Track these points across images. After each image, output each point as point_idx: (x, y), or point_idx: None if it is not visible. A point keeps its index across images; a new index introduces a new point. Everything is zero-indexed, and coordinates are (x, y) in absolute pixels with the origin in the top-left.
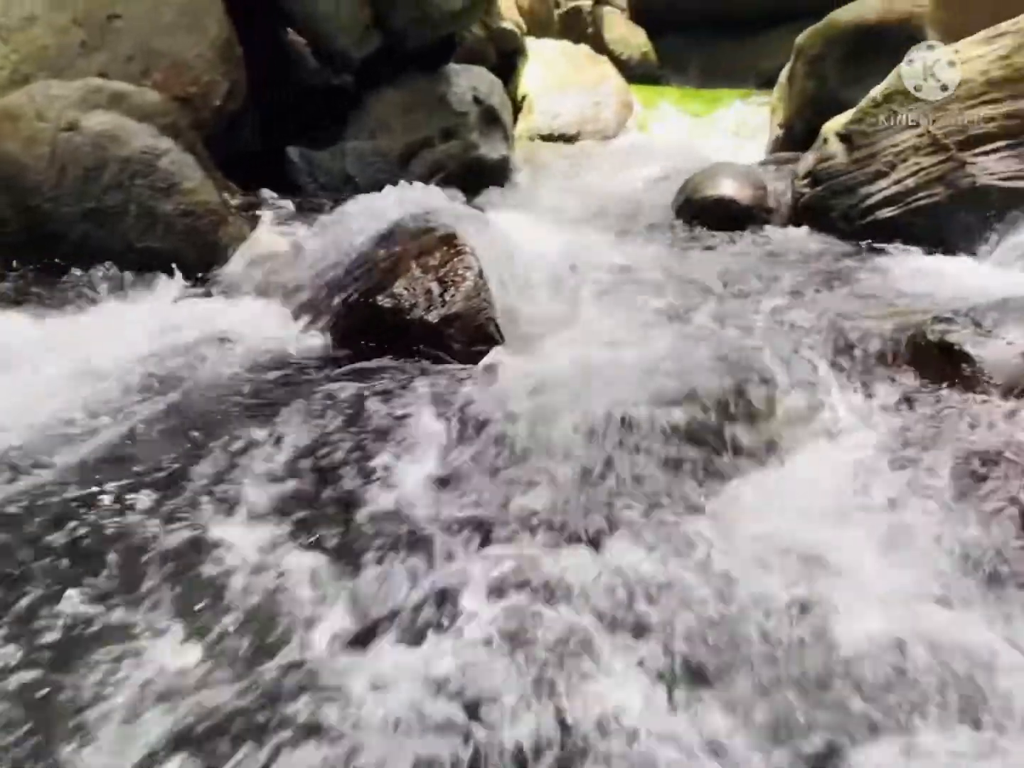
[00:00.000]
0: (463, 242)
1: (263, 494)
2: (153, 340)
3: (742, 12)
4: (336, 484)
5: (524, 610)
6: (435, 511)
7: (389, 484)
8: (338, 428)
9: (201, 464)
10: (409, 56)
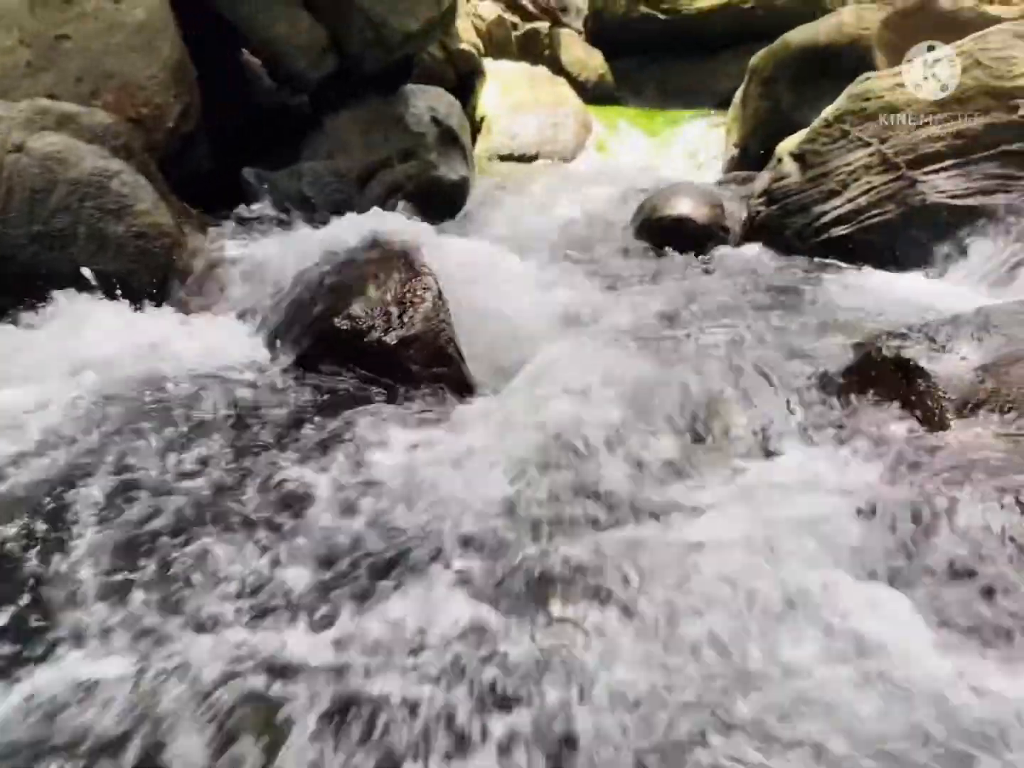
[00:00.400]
0: (422, 263)
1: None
2: (103, 364)
3: (696, 34)
4: (275, 505)
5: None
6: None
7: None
8: (284, 450)
9: (143, 492)
10: (367, 77)
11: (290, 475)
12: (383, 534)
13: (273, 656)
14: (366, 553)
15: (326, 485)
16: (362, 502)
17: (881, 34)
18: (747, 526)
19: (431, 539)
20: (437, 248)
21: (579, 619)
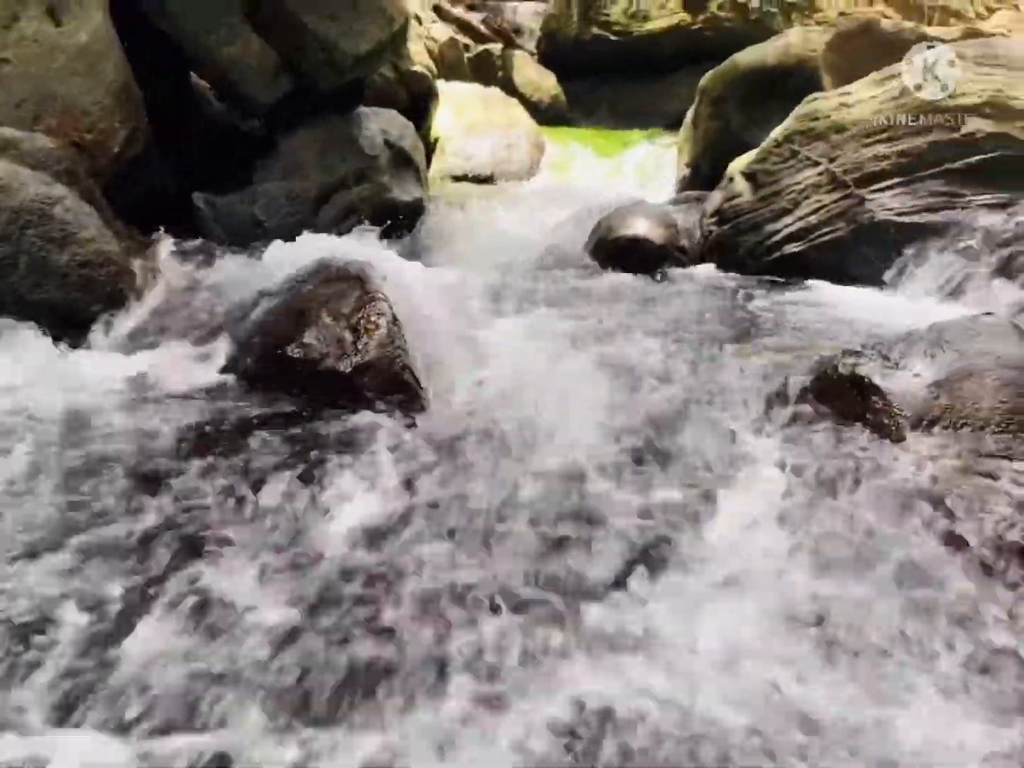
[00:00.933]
0: (376, 288)
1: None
2: (49, 394)
3: (647, 55)
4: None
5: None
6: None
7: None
8: (234, 484)
9: (86, 523)
10: (319, 99)
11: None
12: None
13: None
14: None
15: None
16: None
17: (826, 56)
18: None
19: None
20: (392, 271)
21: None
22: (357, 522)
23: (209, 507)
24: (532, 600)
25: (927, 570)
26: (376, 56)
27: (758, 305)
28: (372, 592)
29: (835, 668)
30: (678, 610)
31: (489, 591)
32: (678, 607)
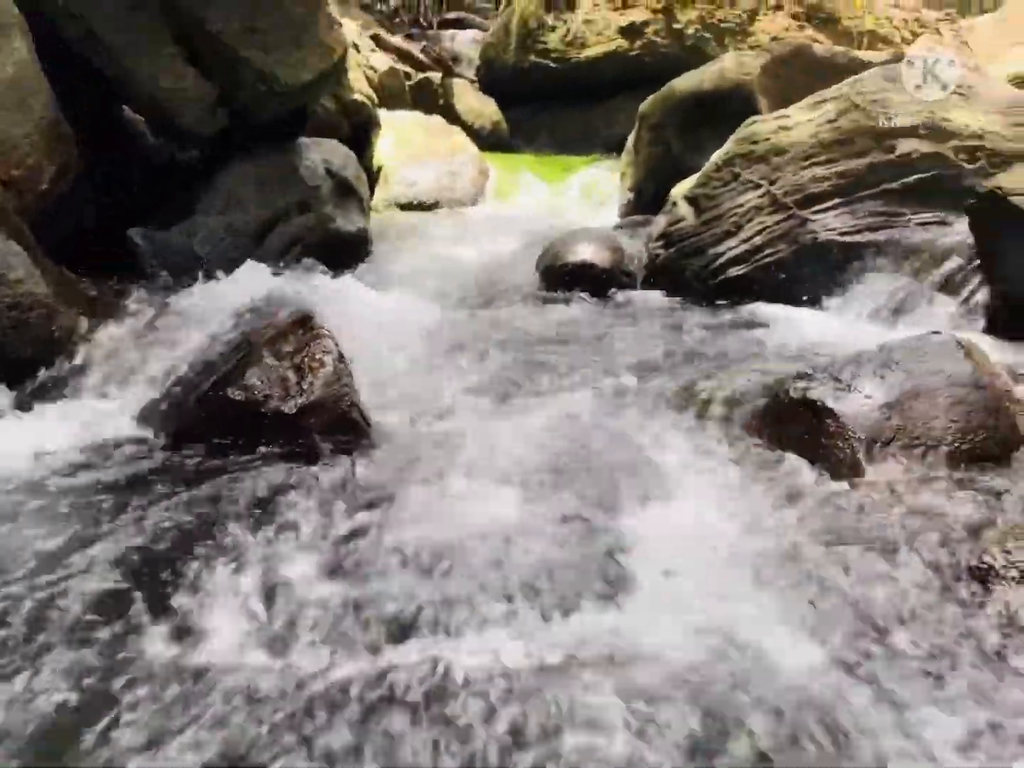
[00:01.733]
0: (320, 324)
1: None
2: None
3: (586, 81)
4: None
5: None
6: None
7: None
8: (175, 541)
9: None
10: (259, 130)
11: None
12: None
13: None
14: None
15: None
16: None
17: (761, 80)
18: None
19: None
20: (338, 304)
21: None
22: (306, 571)
23: (143, 569)
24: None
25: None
26: (316, 87)
27: (705, 329)
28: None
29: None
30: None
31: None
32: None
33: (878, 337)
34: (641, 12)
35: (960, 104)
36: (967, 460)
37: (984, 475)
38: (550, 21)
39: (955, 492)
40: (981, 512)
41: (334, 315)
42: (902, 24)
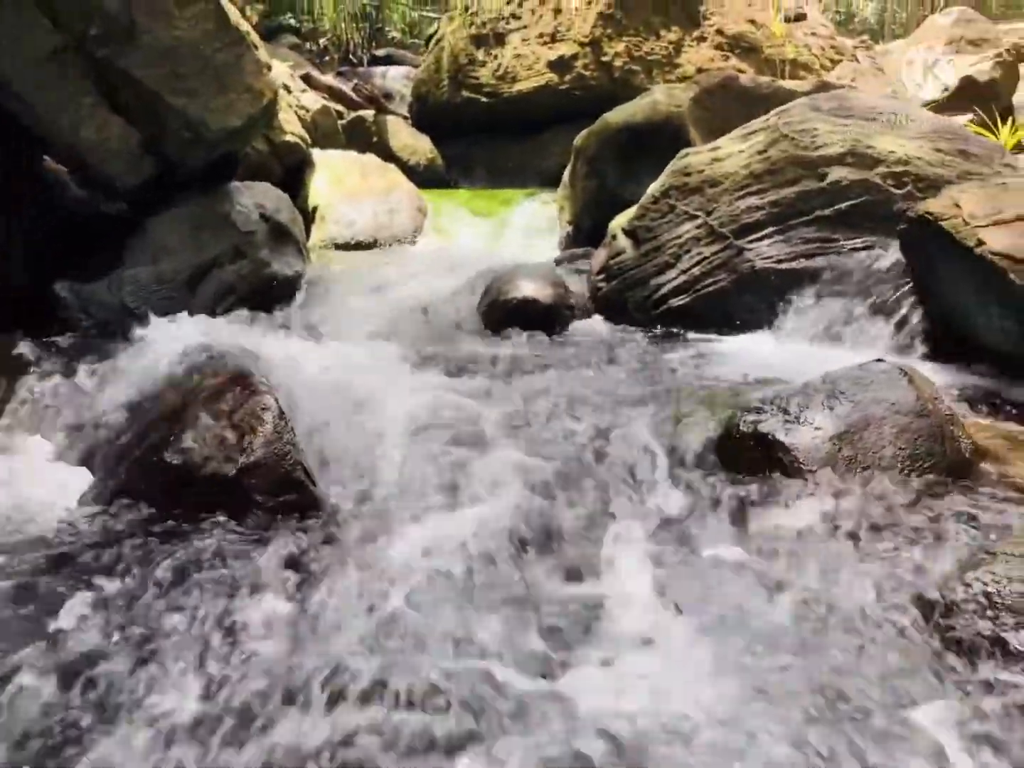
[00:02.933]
0: (258, 379)
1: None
2: None
3: (519, 115)
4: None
5: None
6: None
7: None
8: (103, 622)
9: None
10: (188, 177)
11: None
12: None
13: None
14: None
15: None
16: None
17: (692, 111)
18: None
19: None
20: (277, 353)
21: None
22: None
23: (67, 654)
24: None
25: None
26: (245, 132)
27: (649, 362)
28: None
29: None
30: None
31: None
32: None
33: (820, 361)
34: (569, 46)
35: (883, 131)
36: (918, 486)
37: (934, 502)
38: (480, 56)
39: (909, 522)
40: (936, 542)
41: (273, 366)
42: (820, 52)
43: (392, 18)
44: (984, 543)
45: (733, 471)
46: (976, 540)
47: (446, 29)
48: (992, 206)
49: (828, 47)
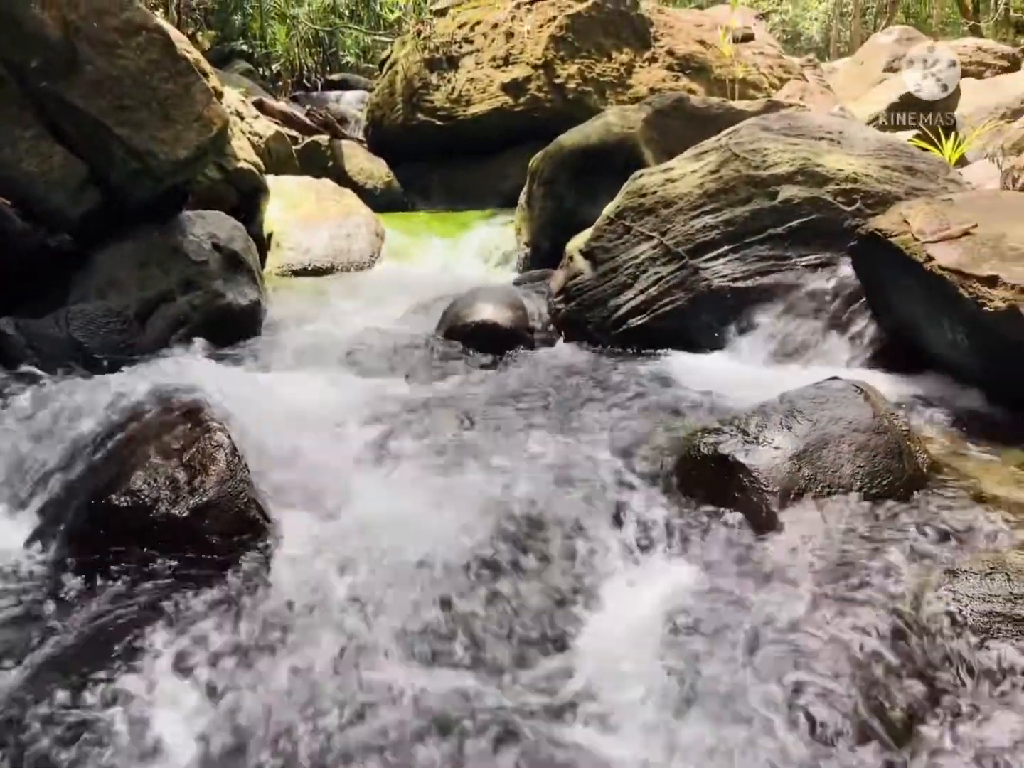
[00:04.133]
0: (210, 416)
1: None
2: None
3: (475, 137)
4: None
5: None
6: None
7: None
8: (52, 674)
9: None
10: (137, 209)
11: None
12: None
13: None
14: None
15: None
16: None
17: (644, 132)
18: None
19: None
20: (230, 387)
21: None
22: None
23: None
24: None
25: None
26: (194, 162)
27: (609, 384)
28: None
29: None
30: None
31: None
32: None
33: (778, 378)
34: (522, 68)
35: (831, 149)
36: (877, 505)
37: (895, 519)
38: (434, 80)
39: (870, 540)
40: (898, 561)
41: (227, 400)
42: (769, 71)
43: (345, 43)
44: (945, 560)
45: (694, 492)
46: (937, 558)
47: (399, 53)
48: (939, 222)
49: (776, 66)
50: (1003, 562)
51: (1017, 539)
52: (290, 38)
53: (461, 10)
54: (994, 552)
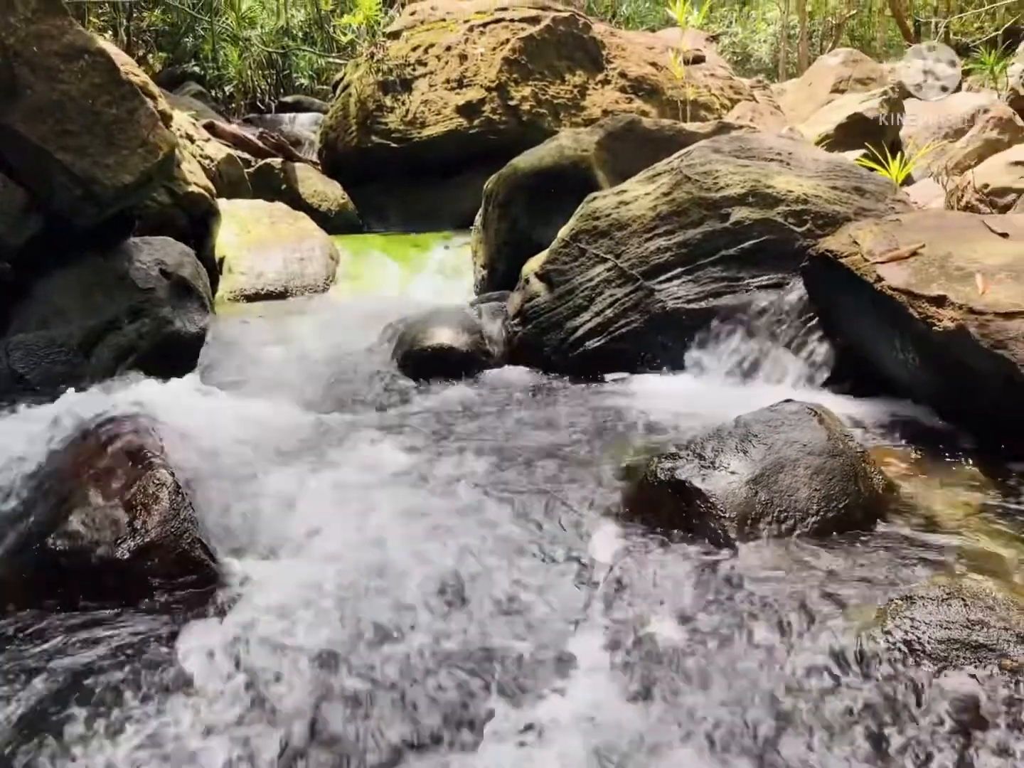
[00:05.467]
0: (153, 452)
1: None
2: None
3: (430, 158)
4: None
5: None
6: None
7: None
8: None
9: None
10: (80, 236)
11: None
12: None
13: None
14: None
15: None
16: None
17: (598, 154)
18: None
19: None
20: (178, 419)
21: None
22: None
23: None
24: None
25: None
26: (141, 187)
27: (566, 407)
28: None
29: None
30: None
31: None
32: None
33: (733, 399)
34: (477, 91)
35: (781, 171)
36: (834, 528)
37: (852, 543)
38: (388, 102)
39: (827, 565)
40: (855, 587)
41: (174, 432)
42: (720, 92)
43: (299, 65)
44: (902, 586)
45: (651, 518)
46: (894, 583)
47: (352, 76)
48: (888, 242)
49: (727, 87)
50: (959, 587)
51: (973, 562)
52: (243, 60)
53: (414, 33)
54: (951, 576)
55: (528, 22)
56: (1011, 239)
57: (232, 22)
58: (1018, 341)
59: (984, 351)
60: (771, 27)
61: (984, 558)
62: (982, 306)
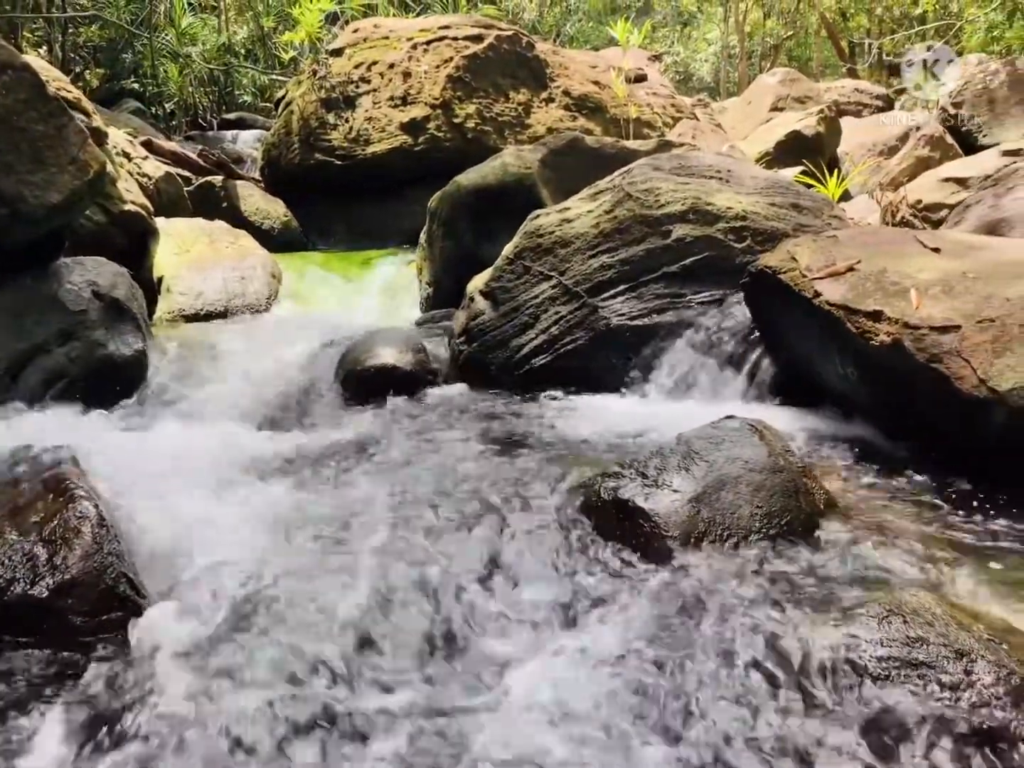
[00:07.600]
0: (74, 483)
1: None
2: None
3: (375, 175)
4: None
5: None
6: None
7: None
8: None
9: None
10: (9, 256)
11: None
12: None
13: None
14: None
15: None
16: None
17: (541, 171)
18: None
19: None
20: (108, 447)
21: None
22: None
23: None
24: None
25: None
26: (70, 206)
27: (509, 426)
28: None
29: None
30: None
31: None
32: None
33: (678, 415)
34: (421, 108)
35: (721, 188)
36: (776, 545)
37: (793, 560)
38: (331, 119)
39: (768, 583)
40: (795, 604)
41: (101, 462)
42: (662, 110)
43: (241, 82)
44: (843, 602)
45: (594, 537)
46: (835, 600)
47: (295, 93)
48: (825, 258)
49: (669, 105)
50: (899, 604)
51: (913, 577)
52: (183, 77)
53: (357, 50)
54: (891, 593)
55: (471, 40)
56: (943, 254)
57: (172, 38)
58: (952, 355)
59: (919, 365)
60: (712, 47)
61: (924, 572)
62: (917, 320)
